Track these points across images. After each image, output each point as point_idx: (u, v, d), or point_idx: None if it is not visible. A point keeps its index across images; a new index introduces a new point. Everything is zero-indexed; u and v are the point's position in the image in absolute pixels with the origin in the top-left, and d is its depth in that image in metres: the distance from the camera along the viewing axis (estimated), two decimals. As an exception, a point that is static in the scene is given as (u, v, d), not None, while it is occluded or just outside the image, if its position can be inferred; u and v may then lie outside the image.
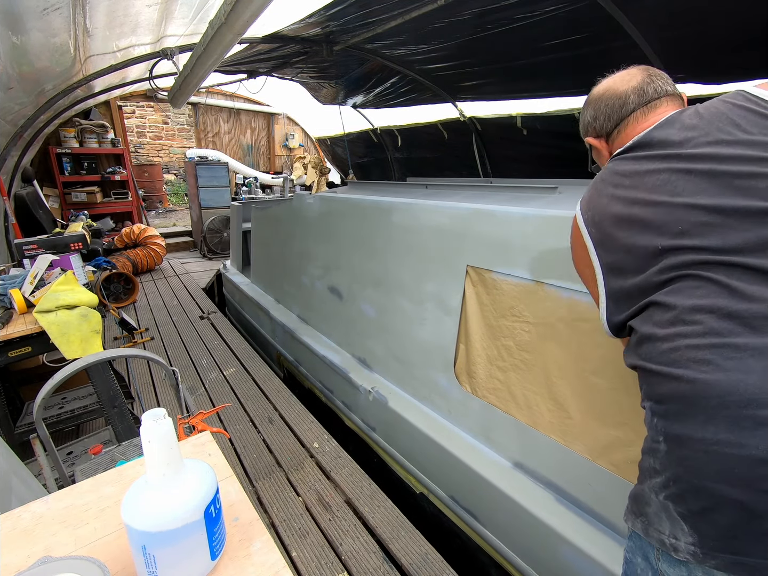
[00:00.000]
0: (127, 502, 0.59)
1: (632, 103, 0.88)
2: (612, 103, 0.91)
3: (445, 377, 1.98)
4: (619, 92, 0.91)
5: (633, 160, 0.79)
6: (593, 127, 0.98)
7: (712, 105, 0.76)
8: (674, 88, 0.90)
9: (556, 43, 2.98)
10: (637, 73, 0.93)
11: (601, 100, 0.95)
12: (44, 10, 2.13)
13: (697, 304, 0.64)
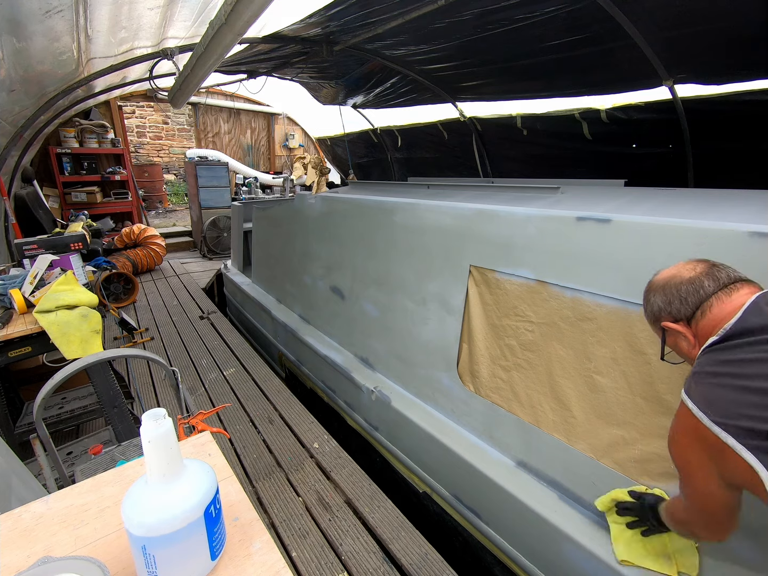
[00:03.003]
0: (127, 502, 0.59)
1: (709, 286, 0.87)
2: (685, 287, 0.91)
3: (448, 376, 1.99)
4: (688, 278, 0.91)
5: (745, 347, 0.75)
6: (668, 312, 0.94)
7: None
8: (744, 276, 0.90)
9: (556, 44, 2.98)
10: (700, 262, 0.94)
11: (670, 285, 0.94)
12: (46, 13, 2.13)
13: None
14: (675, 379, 1.23)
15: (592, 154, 3.75)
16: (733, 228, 1.12)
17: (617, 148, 3.55)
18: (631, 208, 1.52)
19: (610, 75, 3.16)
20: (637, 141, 3.44)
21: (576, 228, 1.47)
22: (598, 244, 1.41)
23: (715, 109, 2.91)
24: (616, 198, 1.79)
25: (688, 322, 0.91)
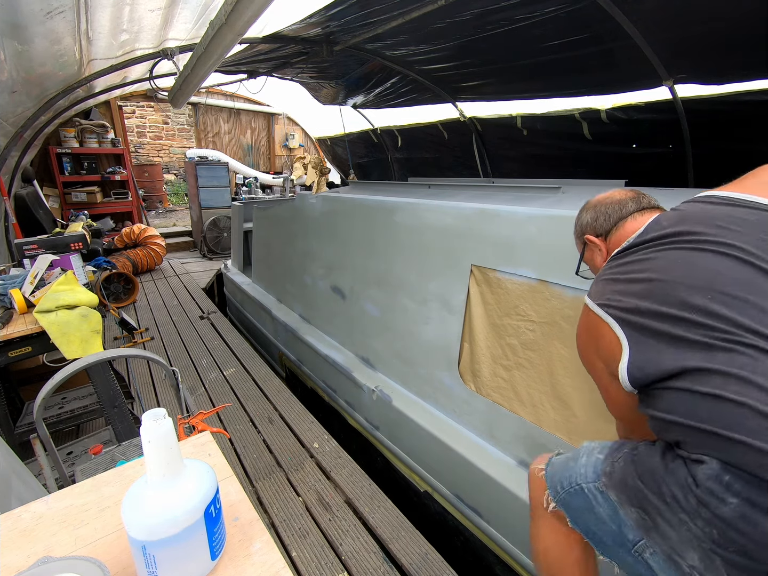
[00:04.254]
0: (127, 502, 0.59)
1: (630, 207, 1.02)
2: (611, 207, 1.05)
3: (449, 376, 1.99)
4: (617, 198, 1.06)
5: (640, 253, 0.86)
6: (593, 227, 1.08)
7: (685, 206, 0.90)
8: (660, 205, 1.05)
9: (556, 44, 2.98)
10: (631, 190, 1.09)
11: (600, 204, 1.08)
12: (48, 14, 2.13)
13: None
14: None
15: (592, 154, 3.75)
16: None
17: (617, 148, 3.55)
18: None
19: (610, 75, 3.16)
20: (637, 141, 3.43)
21: None
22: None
23: (715, 109, 2.91)
24: (616, 198, 1.79)
25: (606, 237, 1.04)
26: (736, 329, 0.66)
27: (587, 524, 0.87)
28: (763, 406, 0.61)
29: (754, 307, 0.66)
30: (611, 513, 0.81)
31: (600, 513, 0.83)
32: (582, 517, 0.88)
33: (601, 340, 0.85)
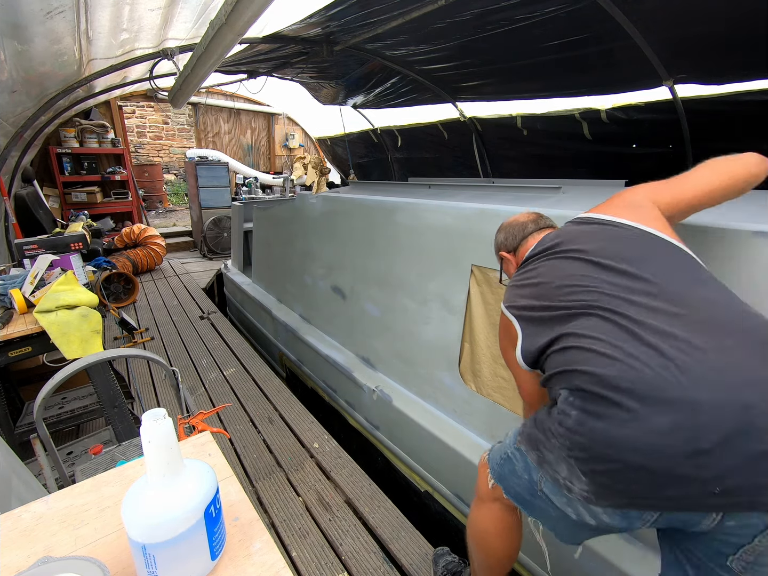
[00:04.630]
0: (128, 502, 0.59)
1: (530, 228, 1.27)
2: (516, 228, 1.30)
3: (449, 376, 1.99)
4: (521, 221, 1.31)
5: (532, 263, 1.11)
6: (504, 245, 1.33)
7: (564, 226, 1.15)
8: (554, 224, 1.31)
9: (556, 44, 2.98)
10: (532, 213, 1.34)
11: (509, 226, 1.34)
12: (48, 14, 2.13)
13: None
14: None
15: (593, 154, 3.74)
16: (737, 227, 1.12)
17: (617, 148, 3.55)
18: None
19: (610, 75, 3.16)
20: (638, 141, 3.43)
21: None
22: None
23: (715, 109, 2.91)
24: (616, 198, 1.79)
25: (514, 252, 1.29)
26: (579, 306, 0.91)
27: (514, 487, 1.05)
28: (597, 347, 0.83)
29: (587, 288, 0.92)
30: (524, 464, 1.00)
31: (518, 469, 1.02)
32: (510, 482, 1.06)
33: (510, 334, 1.07)
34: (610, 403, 0.77)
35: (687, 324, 0.79)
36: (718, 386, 0.72)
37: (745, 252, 1.10)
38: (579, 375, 0.83)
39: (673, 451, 0.72)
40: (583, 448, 0.81)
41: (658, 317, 0.81)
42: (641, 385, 0.76)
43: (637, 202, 1.04)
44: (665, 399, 0.74)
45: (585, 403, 0.81)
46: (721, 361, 0.74)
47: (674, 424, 0.72)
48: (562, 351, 0.89)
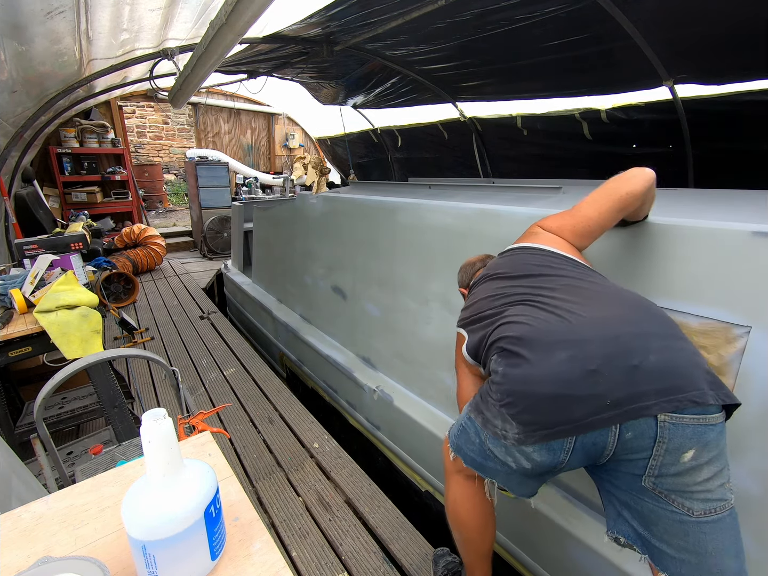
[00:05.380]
0: (127, 502, 0.59)
1: (477, 266, 1.52)
2: (468, 267, 1.56)
3: (450, 376, 1.99)
4: (472, 261, 1.57)
5: (472, 290, 1.39)
6: (461, 282, 1.57)
7: (491, 261, 1.41)
8: None
9: (556, 44, 2.98)
10: (483, 255, 1.58)
11: (464, 266, 1.58)
12: (48, 14, 2.13)
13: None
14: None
15: (593, 154, 3.74)
16: (737, 228, 1.12)
17: (617, 148, 3.55)
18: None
19: (610, 75, 3.16)
20: (638, 141, 3.43)
21: None
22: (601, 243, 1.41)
23: (715, 109, 2.91)
24: (616, 198, 1.79)
25: (467, 287, 1.50)
26: (502, 305, 1.15)
27: (469, 454, 1.17)
28: (515, 319, 1.05)
29: (506, 294, 1.17)
30: (474, 429, 1.13)
31: (471, 436, 1.15)
32: (466, 450, 1.18)
33: (460, 343, 1.30)
34: (524, 352, 0.97)
35: (577, 301, 1.03)
36: (599, 327, 0.96)
37: (745, 252, 1.10)
38: (503, 340, 1.04)
39: (572, 375, 0.91)
40: (508, 394, 0.98)
41: (557, 299, 1.05)
42: (546, 335, 0.97)
43: (536, 231, 1.32)
44: (564, 340, 0.95)
45: (507, 359, 1.01)
46: (601, 313, 0.99)
47: (570, 356, 0.92)
48: (494, 331, 1.10)
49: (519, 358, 0.98)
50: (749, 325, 1.09)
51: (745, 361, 1.11)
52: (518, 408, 0.97)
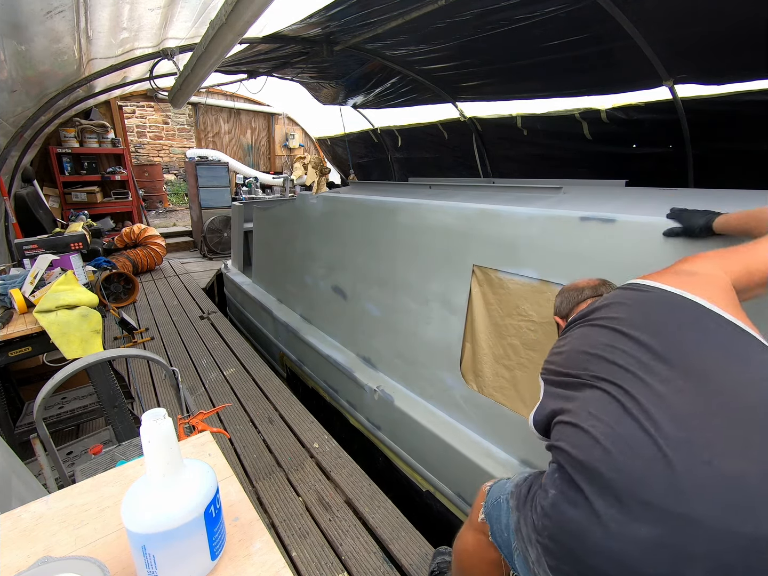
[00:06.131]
0: (127, 502, 0.59)
1: (586, 293, 1.20)
2: (572, 293, 1.23)
3: (451, 376, 1.99)
4: (579, 286, 1.23)
5: (569, 331, 1.07)
6: (558, 309, 1.26)
7: (606, 295, 1.08)
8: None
9: (556, 44, 2.97)
10: (598, 280, 1.25)
11: (566, 291, 1.26)
12: (48, 14, 2.13)
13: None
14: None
15: (593, 154, 3.74)
16: None
17: (617, 148, 3.55)
18: (634, 208, 1.52)
19: (610, 75, 3.16)
20: (638, 141, 3.43)
21: (580, 228, 1.47)
22: (602, 243, 1.41)
23: (715, 109, 2.91)
24: (617, 198, 1.79)
25: (566, 318, 1.21)
26: (589, 377, 0.84)
27: (497, 536, 1.00)
28: (585, 424, 0.76)
29: (605, 358, 0.84)
30: (506, 521, 0.94)
31: (502, 523, 0.97)
32: (494, 528, 1.02)
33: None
34: (588, 491, 0.68)
35: (708, 420, 0.65)
36: (724, 500, 0.56)
37: (745, 252, 1.10)
38: (561, 452, 0.77)
39: (650, 571, 0.58)
40: (552, 538, 0.72)
41: (668, 402, 0.68)
42: (625, 478, 0.64)
43: (693, 270, 0.91)
44: (652, 502, 0.60)
45: (564, 484, 0.73)
46: (740, 463, 0.58)
47: (658, 539, 0.58)
48: (561, 425, 0.83)
49: (580, 496, 0.69)
50: (750, 325, 1.09)
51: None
52: (557, 562, 0.71)
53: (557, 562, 0.71)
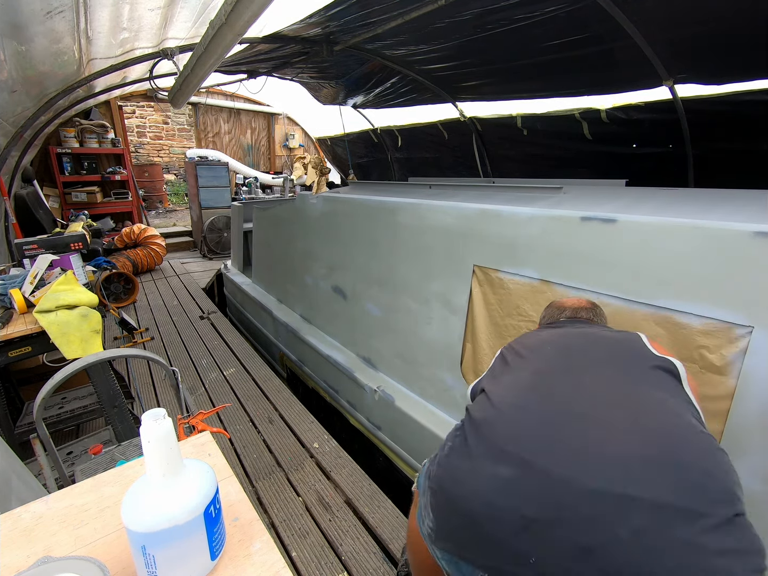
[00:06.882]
0: (127, 502, 0.59)
1: (565, 315, 1.23)
2: (554, 311, 1.27)
3: (451, 376, 1.99)
4: (564, 305, 1.27)
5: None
6: (540, 322, 1.32)
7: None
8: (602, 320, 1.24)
9: (556, 44, 2.98)
10: (584, 300, 1.28)
11: (551, 306, 1.31)
12: (48, 14, 2.13)
13: None
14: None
15: (593, 154, 3.74)
16: (739, 228, 1.12)
17: (617, 148, 3.55)
18: (635, 208, 1.52)
19: (610, 75, 3.16)
20: (638, 141, 3.43)
21: (580, 228, 1.47)
22: (603, 243, 1.41)
23: (715, 109, 2.91)
24: (618, 198, 1.79)
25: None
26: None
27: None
28: (492, 395, 0.91)
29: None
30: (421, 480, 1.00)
31: (420, 482, 1.01)
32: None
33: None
34: (472, 440, 0.81)
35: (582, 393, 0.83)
36: (575, 455, 0.71)
37: (746, 252, 1.10)
38: (467, 413, 0.90)
39: (501, 506, 0.71)
40: (439, 483, 0.83)
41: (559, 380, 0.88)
42: (503, 429, 0.80)
43: None
44: (515, 451, 0.74)
45: (458, 438, 0.85)
46: (595, 434, 0.74)
47: (511, 478, 0.72)
48: (481, 392, 0.97)
49: (467, 449, 0.82)
50: (751, 325, 1.09)
51: (747, 361, 1.10)
52: (436, 499, 0.82)
53: (436, 498, 0.82)
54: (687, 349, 1.22)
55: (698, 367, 1.21)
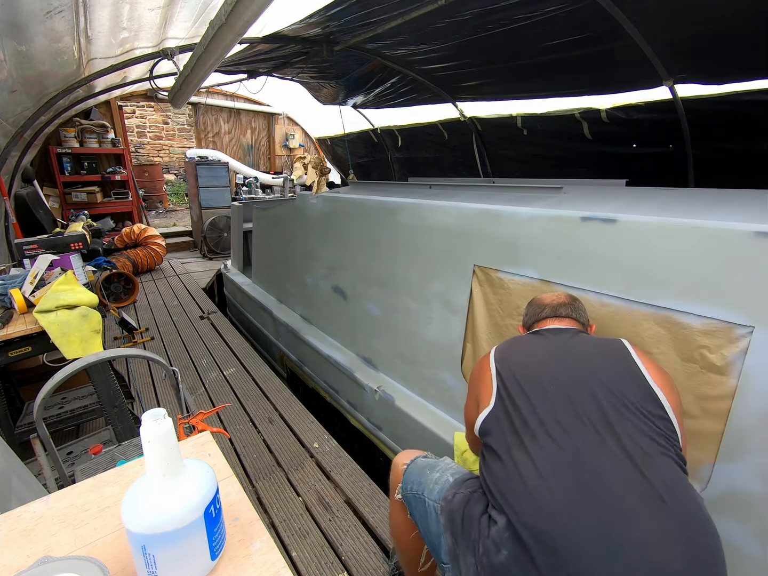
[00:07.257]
0: (127, 502, 0.59)
1: (546, 312, 1.29)
2: (535, 308, 1.33)
3: (451, 376, 1.99)
4: (544, 302, 1.32)
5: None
6: (524, 321, 1.37)
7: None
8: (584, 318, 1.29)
9: (556, 44, 2.97)
10: (565, 296, 1.32)
11: (532, 304, 1.36)
12: (47, 13, 2.13)
13: None
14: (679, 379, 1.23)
15: (593, 154, 3.74)
16: (739, 228, 1.12)
17: (618, 148, 3.55)
18: (635, 208, 1.52)
19: (610, 75, 3.16)
20: (638, 141, 3.43)
21: (581, 228, 1.47)
22: (604, 243, 1.41)
23: (715, 109, 2.91)
24: (618, 198, 1.79)
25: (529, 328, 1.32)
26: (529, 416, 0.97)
27: (420, 523, 1.12)
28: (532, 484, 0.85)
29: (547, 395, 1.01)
30: (437, 531, 1.03)
31: (431, 525, 1.06)
32: (417, 516, 1.13)
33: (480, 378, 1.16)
34: (536, 562, 0.77)
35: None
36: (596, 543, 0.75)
37: (747, 252, 1.10)
38: (505, 502, 0.86)
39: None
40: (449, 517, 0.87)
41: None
42: (576, 562, 0.76)
43: None
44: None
45: (517, 548, 0.80)
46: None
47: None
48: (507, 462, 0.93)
49: (531, 564, 0.79)
50: (752, 325, 1.09)
51: (747, 361, 1.10)
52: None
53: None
54: (687, 349, 1.22)
55: (699, 367, 1.21)
